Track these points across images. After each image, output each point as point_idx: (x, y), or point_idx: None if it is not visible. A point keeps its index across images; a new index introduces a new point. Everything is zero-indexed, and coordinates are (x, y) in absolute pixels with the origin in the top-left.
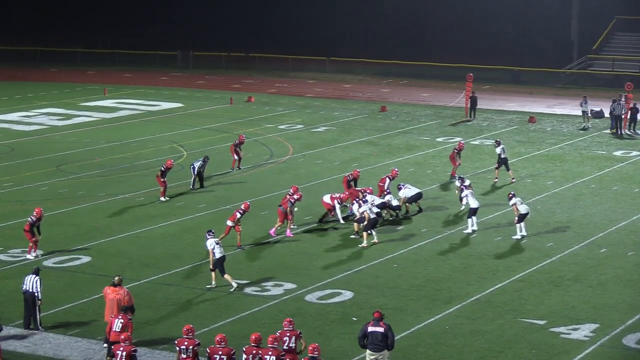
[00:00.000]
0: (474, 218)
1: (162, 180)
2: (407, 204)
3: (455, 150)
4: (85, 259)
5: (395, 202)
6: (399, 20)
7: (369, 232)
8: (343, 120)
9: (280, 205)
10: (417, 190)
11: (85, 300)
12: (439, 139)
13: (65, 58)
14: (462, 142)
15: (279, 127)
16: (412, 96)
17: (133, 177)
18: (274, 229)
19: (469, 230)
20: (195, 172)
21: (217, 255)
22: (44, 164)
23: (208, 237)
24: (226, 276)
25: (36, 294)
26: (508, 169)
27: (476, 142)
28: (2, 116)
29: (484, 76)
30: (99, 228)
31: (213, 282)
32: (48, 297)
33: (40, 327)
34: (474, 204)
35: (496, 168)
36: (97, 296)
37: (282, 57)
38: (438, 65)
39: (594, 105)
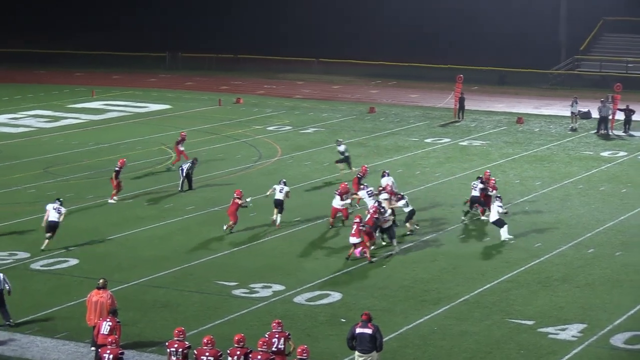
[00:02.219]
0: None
1: (116, 181)
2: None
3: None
4: (73, 261)
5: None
6: (387, 22)
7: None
8: (331, 122)
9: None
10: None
11: (73, 303)
12: (428, 140)
13: (52, 60)
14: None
15: (268, 128)
16: (400, 97)
17: (121, 179)
18: (358, 250)
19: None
20: (184, 174)
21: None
22: (31, 166)
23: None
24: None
25: (7, 288)
26: (350, 168)
27: (464, 143)
28: None
29: (472, 77)
30: (87, 230)
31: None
32: (36, 300)
33: (10, 321)
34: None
35: (336, 161)
36: (85, 299)
37: (271, 58)
38: (426, 67)
39: (582, 106)
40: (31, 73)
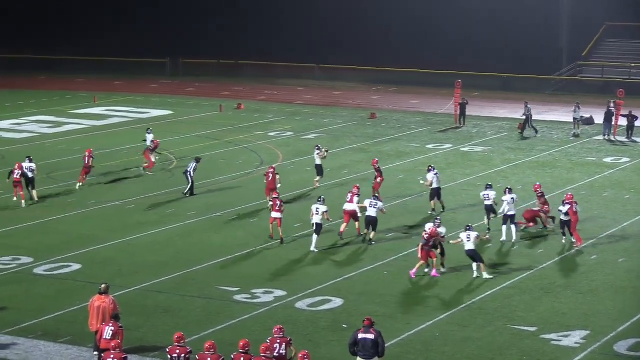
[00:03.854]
0: (508, 226)
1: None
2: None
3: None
4: (76, 266)
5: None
6: (389, 28)
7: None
8: (333, 128)
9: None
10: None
11: (75, 307)
12: (429, 146)
13: (54, 66)
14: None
15: (269, 134)
16: (401, 103)
17: (123, 185)
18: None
19: (504, 239)
20: (193, 177)
21: None
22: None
23: None
24: None
25: None
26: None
27: (466, 149)
28: None
29: (474, 83)
30: (89, 235)
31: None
32: (39, 305)
33: None
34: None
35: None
36: (88, 304)
37: (272, 64)
38: (428, 72)
39: (584, 112)
40: (34, 79)
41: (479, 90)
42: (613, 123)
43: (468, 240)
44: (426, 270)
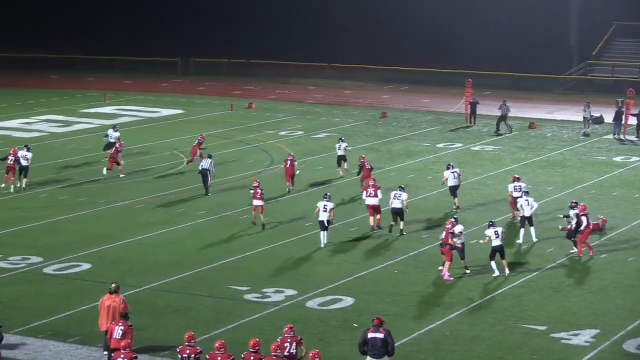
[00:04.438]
0: (526, 228)
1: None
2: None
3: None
4: (86, 266)
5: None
6: (400, 27)
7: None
8: (344, 127)
9: (443, 244)
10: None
11: (85, 307)
12: (440, 145)
13: (65, 65)
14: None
15: (280, 133)
16: (412, 102)
17: (133, 184)
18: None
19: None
20: (210, 175)
21: None
22: (43, 170)
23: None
24: None
25: None
26: (339, 165)
27: (476, 148)
28: (2, 123)
29: (484, 82)
30: (99, 235)
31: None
32: (48, 304)
33: None
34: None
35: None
36: (98, 303)
37: (283, 63)
38: (438, 71)
39: (594, 111)
40: (44, 78)
41: (490, 89)
42: (623, 122)
43: (496, 237)
44: (440, 268)
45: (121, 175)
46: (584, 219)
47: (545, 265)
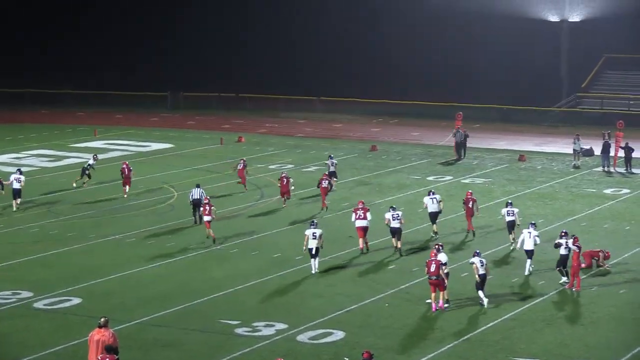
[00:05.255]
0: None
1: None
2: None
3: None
4: (76, 300)
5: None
6: (390, 60)
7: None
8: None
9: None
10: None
11: (76, 341)
12: (430, 178)
13: (55, 99)
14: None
15: (270, 167)
16: (402, 135)
17: (123, 218)
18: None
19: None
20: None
21: None
22: (34, 205)
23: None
24: None
25: None
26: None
27: (466, 181)
28: None
29: (474, 115)
30: (90, 269)
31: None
32: (39, 339)
33: None
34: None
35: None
36: (87, 338)
37: (273, 97)
38: (428, 104)
39: (584, 144)
40: (34, 113)
41: (479, 122)
42: (612, 154)
43: (482, 265)
44: (428, 301)
45: (125, 196)
46: (575, 249)
47: (537, 298)
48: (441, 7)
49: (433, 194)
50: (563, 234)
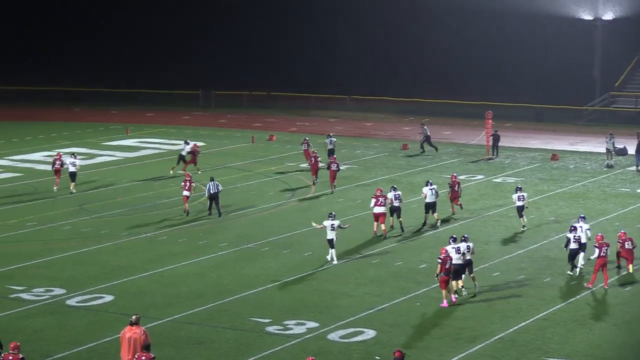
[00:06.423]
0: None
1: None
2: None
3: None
4: (109, 297)
5: None
6: (421, 59)
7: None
8: (364, 159)
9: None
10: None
11: (108, 339)
12: (461, 177)
13: (88, 98)
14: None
15: (301, 165)
16: (434, 134)
17: (155, 216)
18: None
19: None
20: (211, 196)
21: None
22: (67, 203)
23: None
24: None
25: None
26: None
27: (498, 180)
28: (26, 156)
29: (507, 114)
30: (122, 267)
31: None
32: (71, 336)
33: None
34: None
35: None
36: (119, 335)
37: (304, 95)
38: (460, 103)
39: (618, 143)
40: (67, 111)
41: (512, 121)
42: None
43: (466, 252)
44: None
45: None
46: (596, 250)
47: (569, 298)
48: (473, 7)
49: (431, 184)
50: (572, 228)
